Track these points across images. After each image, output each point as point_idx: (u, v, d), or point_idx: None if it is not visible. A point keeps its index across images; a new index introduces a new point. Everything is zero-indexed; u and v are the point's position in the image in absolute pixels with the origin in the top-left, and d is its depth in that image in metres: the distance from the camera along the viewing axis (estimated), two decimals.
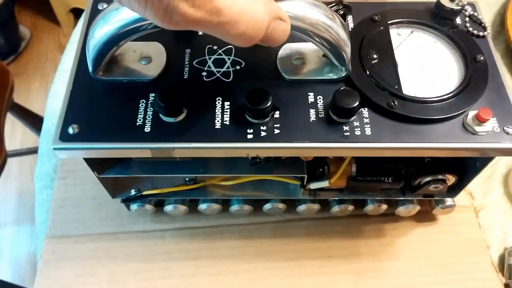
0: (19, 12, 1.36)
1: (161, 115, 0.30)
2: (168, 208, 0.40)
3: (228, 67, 0.33)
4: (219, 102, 0.31)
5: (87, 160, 0.33)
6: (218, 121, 0.30)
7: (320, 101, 0.31)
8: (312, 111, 0.31)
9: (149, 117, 0.30)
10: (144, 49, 0.33)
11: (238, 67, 0.33)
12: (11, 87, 0.70)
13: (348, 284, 0.42)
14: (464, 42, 0.33)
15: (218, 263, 0.43)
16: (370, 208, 0.41)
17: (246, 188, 0.40)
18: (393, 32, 0.34)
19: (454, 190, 0.39)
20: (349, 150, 0.30)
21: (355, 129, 0.30)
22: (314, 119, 0.30)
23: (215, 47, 0.34)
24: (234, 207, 0.41)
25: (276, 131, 0.30)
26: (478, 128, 0.30)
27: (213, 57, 0.33)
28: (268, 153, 0.30)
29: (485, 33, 0.34)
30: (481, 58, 0.32)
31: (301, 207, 0.41)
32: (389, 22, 0.34)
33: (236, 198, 0.40)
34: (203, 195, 0.39)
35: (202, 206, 0.41)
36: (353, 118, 0.30)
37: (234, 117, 0.30)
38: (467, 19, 0.35)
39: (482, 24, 0.35)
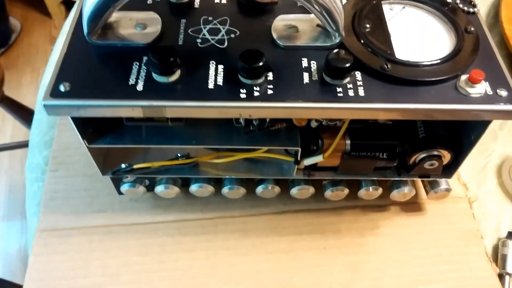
0: (9, 3, 1.34)
1: (154, 75, 0.30)
2: (160, 188, 0.40)
3: (222, 35, 0.33)
4: (212, 65, 0.31)
5: (78, 126, 0.32)
6: (211, 81, 0.30)
7: (313, 66, 0.31)
8: (306, 74, 0.31)
9: (142, 77, 0.30)
10: (139, 17, 0.33)
11: (232, 35, 0.33)
12: (1, 80, 0.70)
13: (343, 276, 0.42)
14: (455, 16, 0.34)
15: (213, 256, 0.42)
16: (364, 191, 0.40)
17: (240, 168, 0.39)
18: (385, 8, 0.35)
19: (449, 171, 0.38)
20: (343, 110, 0.30)
21: (349, 91, 0.30)
22: (308, 81, 0.30)
23: (210, 18, 0.34)
24: (226, 189, 0.40)
25: (270, 91, 0.30)
26: (471, 90, 0.30)
27: (208, 26, 0.34)
28: (261, 114, 0.30)
29: (475, 9, 0.35)
30: (472, 29, 0.33)
31: (295, 190, 0.40)
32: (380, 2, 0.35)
33: (228, 179, 0.40)
34: (196, 174, 0.39)
35: (194, 187, 0.40)
36: (346, 80, 0.30)
37: (227, 78, 0.30)
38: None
39: (472, 2, 0.35)
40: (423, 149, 0.36)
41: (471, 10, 0.35)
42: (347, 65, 0.29)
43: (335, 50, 0.30)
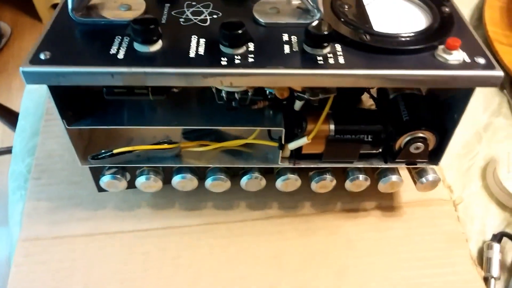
0: None
1: (135, 45, 0.30)
2: (141, 180, 0.38)
3: (205, 16, 0.34)
4: (194, 38, 0.31)
5: (58, 104, 0.32)
6: (192, 52, 0.30)
7: (294, 39, 0.32)
8: (287, 46, 0.31)
9: (123, 48, 0.30)
10: (124, 0, 0.34)
11: (215, 16, 0.34)
12: None
13: (330, 280, 0.40)
14: (430, 1, 0.35)
15: (198, 263, 0.41)
16: (350, 183, 0.39)
17: (224, 158, 0.38)
18: None
19: (435, 157, 0.38)
20: (323, 77, 0.30)
21: (329, 59, 0.30)
22: (288, 51, 0.31)
23: (194, 3, 0.35)
24: (210, 180, 0.39)
25: (250, 59, 0.30)
26: (449, 57, 0.30)
27: (192, 9, 0.35)
28: (242, 81, 0.30)
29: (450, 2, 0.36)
30: (447, 9, 0.34)
31: (280, 181, 0.39)
32: None
33: (212, 170, 0.39)
34: (178, 163, 0.38)
35: (177, 179, 0.38)
36: (326, 50, 0.30)
37: (209, 49, 0.31)
38: None
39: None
40: (407, 131, 0.36)
41: (447, 8, 0.36)
42: (326, 32, 0.30)
43: (315, 22, 0.31)
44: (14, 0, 1.42)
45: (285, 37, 0.32)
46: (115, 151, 0.35)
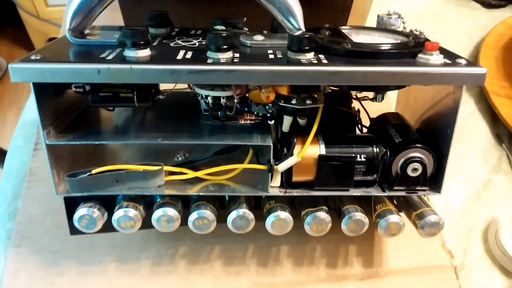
0: None
1: (125, 53, 0.31)
2: (118, 214, 0.35)
3: (194, 43, 0.36)
4: (182, 51, 0.33)
5: (42, 113, 0.31)
6: (180, 56, 0.31)
7: (278, 52, 0.33)
8: (271, 56, 0.32)
9: (113, 54, 0.31)
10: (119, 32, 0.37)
11: (203, 43, 0.36)
12: None
13: None
14: (405, 33, 0.38)
15: None
16: (345, 227, 0.36)
17: (210, 189, 0.36)
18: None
19: (436, 185, 0.35)
20: (307, 74, 0.30)
21: (313, 61, 0.31)
22: (273, 57, 0.32)
23: (184, 37, 0.38)
24: (195, 215, 0.35)
25: (236, 60, 0.31)
26: (430, 57, 0.31)
27: (182, 39, 0.37)
28: (226, 79, 0.30)
29: (425, 35, 0.39)
30: (423, 36, 0.36)
31: (270, 219, 0.35)
32: (338, 27, 0.39)
33: (197, 205, 0.36)
34: (160, 192, 0.35)
35: (157, 214, 0.35)
36: (309, 55, 0.31)
37: (195, 55, 0.32)
38: (408, 31, 0.40)
39: (420, 32, 0.39)
40: (401, 151, 0.34)
41: (422, 36, 0.39)
42: (308, 35, 0.31)
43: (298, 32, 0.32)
44: (10, 33, 1.43)
45: (270, 52, 0.33)
46: (93, 171, 0.33)
